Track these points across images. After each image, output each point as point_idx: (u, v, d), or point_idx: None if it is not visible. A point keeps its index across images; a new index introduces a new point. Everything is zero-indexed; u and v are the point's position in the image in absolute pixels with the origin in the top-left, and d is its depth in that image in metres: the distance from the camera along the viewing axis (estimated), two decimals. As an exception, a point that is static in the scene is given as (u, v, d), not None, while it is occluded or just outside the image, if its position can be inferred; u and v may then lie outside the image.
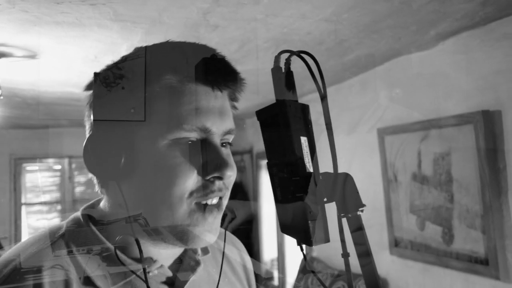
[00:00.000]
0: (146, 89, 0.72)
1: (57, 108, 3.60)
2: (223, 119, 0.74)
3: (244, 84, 0.83)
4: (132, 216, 0.72)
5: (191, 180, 0.70)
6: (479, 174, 2.03)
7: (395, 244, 2.62)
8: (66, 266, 0.71)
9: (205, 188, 0.71)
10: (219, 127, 0.73)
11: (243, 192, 5.11)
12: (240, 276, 0.97)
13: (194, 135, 0.71)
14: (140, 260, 0.74)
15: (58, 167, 5.38)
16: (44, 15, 1.62)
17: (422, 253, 2.42)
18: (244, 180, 5.17)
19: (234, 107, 0.83)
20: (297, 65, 0.68)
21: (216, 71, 0.76)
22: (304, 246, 0.66)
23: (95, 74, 0.74)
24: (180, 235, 0.72)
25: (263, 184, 4.76)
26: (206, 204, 0.72)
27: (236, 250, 1.00)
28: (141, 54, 0.75)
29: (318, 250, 3.48)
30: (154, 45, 0.77)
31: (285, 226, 0.67)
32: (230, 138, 0.78)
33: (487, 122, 1.99)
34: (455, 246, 2.20)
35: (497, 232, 1.96)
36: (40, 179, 5.49)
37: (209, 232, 0.74)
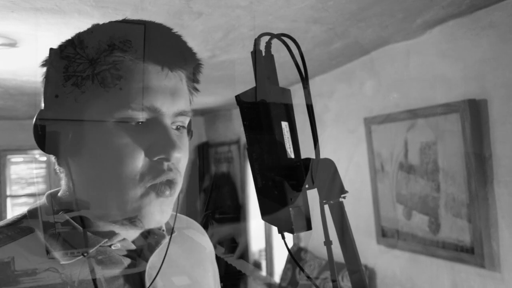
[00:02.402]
0: (96, 67, 0.70)
1: (41, 99, 3.54)
2: (174, 99, 0.72)
3: (201, 65, 0.81)
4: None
5: (138, 161, 0.69)
6: (465, 163, 2.03)
7: (382, 234, 2.63)
8: (61, 269, 0.71)
9: (153, 170, 0.70)
10: (170, 108, 0.71)
11: (230, 183, 5.10)
12: (201, 258, 0.96)
13: (142, 115, 0.70)
14: (102, 234, 0.74)
15: (43, 158, 5.32)
16: (21, 1, 1.57)
17: (409, 243, 2.43)
18: (231, 170, 5.16)
19: (195, 89, 0.81)
20: (285, 54, 0.66)
21: (168, 50, 0.74)
22: (292, 235, 0.65)
23: (51, 49, 0.75)
24: (131, 218, 0.71)
25: (250, 175, 4.75)
26: (159, 185, 0.71)
27: (197, 233, 1.00)
28: (95, 30, 0.74)
29: (305, 240, 3.49)
30: (104, 24, 0.75)
31: (266, 214, 0.65)
32: (185, 120, 0.76)
33: (473, 111, 1.99)
34: (442, 235, 2.21)
35: (483, 221, 1.97)
36: (25, 170, 5.43)
37: (159, 212, 0.72)
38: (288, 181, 0.62)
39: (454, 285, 2.16)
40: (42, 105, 0.76)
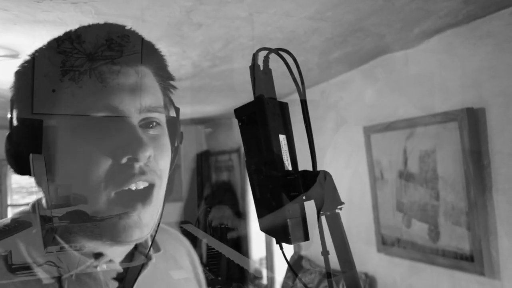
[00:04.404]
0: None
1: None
2: (136, 96, 0.68)
3: (162, 59, 0.78)
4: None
5: (103, 164, 0.65)
6: (463, 171, 2.04)
7: (382, 242, 2.63)
8: (58, 262, 0.70)
9: (121, 173, 0.66)
10: (130, 105, 0.68)
11: (231, 191, 5.10)
12: (189, 273, 0.94)
13: (102, 115, 0.66)
14: (88, 255, 0.72)
15: (44, 167, 5.32)
16: (24, 14, 1.60)
17: (408, 251, 2.43)
18: (232, 179, 5.16)
19: (170, 86, 0.79)
20: (281, 64, 0.67)
21: (123, 49, 0.70)
22: (298, 245, 0.66)
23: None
24: (108, 231, 0.68)
25: (250, 184, 4.76)
26: (128, 193, 0.67)
27: (183, 248, 0.97)
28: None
29: (306, 249, 3.49)
30: (65, 33, 0.73)
31: (264, 225, 0.66)
32: (159, 117, 0.73)
33: (471, 119, 2.01)
34: (441, 243, 2.21)
35: (482, 229, 1.97)
36: (26, 180, 5.41)
37: (136, 226, 0.68)
38: (285, 192, 0.63)
39: (454, 293, 2.16)
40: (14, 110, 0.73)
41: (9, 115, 0.73)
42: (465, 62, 2.07)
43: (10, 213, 5.16)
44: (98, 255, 0.73)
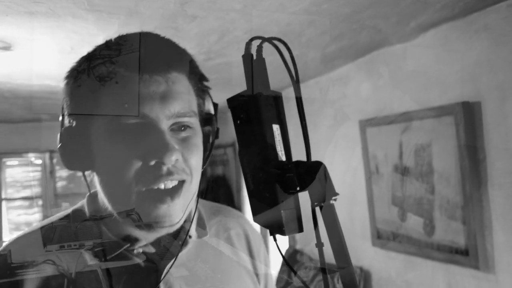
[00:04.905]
0: (91, 61, 0.74)
1: (36, 102, 3.54)
2: (165, 103, 0.73)
3: (194, 63, 0.82)
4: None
5: (134, 166, 0.72)
6: (459, 165, 2.04)
7: (377, 236, 2.63)
8: (58, 261, 0.73)
9: (150, 173, 0.72)
10: (160, 112, 0.73)
11: (226, 185, 5.10)
12: (243, 250, 0.97)
13: (134, 122, 0.72)
14: (125, 239, 0.78)
15: (39, 161, 5.30)
16: (16, 5, 1.57)
17: (404, 245, 2.43)
18: (227, 173, 5.16)
19: (204, 87, 0.83)
20: (275, 58, 0.67)
21: (151, 57, 0.75)
22: (288, 237, 0.65)
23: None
24: (144, 220, 0.75)
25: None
26: (158, 190, 0.73)
27: (241, 232, 1.00)
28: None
29: (301, 242, 3.49)
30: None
31: (258, 216, 0.65)
32: (190, 120, 0.77)
33: (467, 113, 2.00)
34: (436, 237, 2.21)
35: (477, 223, 1.97)
36: (20, 173, 5.42)
37: (166, 217, 0.74)
38: (279, 183, 0.62)
39: (449, 287, 2.16)
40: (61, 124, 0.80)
41: (61, 117, 0.80)
42: (461, 56, 2.06)
43: (5, 206, 5.14)
44: (134, 240, 0.79)
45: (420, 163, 2.29)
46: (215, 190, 5.15)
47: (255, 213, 0.66)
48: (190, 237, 0.85)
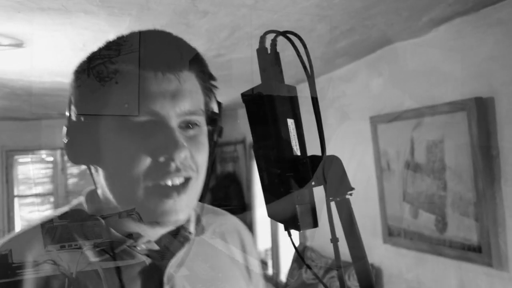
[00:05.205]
0: (91, 61, 0.73)
1: (48, 99, 3.55)
2: (176, 101, 0.73)
3: (203, 61, 0.82)
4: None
5: (144, 162, 0.72)
6: (472, 161, 2.02)
7: (389, 233, 2.62)
8: (58, 261, 0.73)
9: (159, 170, 0.72)
10: (171, 110, 0.73)
11: (236, 182, 5.10)
12: (237, 247, 0.98)
13: (145, 119, 0.72)
14: (129, 236, 0.78)
15: (51, 158, 5.34)
16: (28, 1, 1.58)
17: (415, 242, 2.42)
18: (237, 170, 5.16)
19: (212, 86, 0.83)
20: (290, 53, 0.66)
21: (163, 54, 0.75)
22: (298, 234, 0.65)
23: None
24: (148, 215, 0.75)
25: (256, 174, 4.75)
26: (165, 186, 0.73)
27: (233, 229, 1.01)
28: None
29: (311, 239, 3.48)
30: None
31: (272, 211, 0.65)
32: (198, 118, 0.78)
33: (480, 109, 1.98)
34: (448, 234, 2.20)
35: (490, 220, 1.95)
36: (32, 171, 5.46)
37: (171, 213, 0.74)
38: (294, 178, 0.62)
39: (461, 284, 2.15)
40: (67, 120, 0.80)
41: (67, 113, 0.79)
42: (474, 51, 2.04)
43: (17, 203, 5.18)
44: (137, 236, 0.79)
45: (432, 159, 2.27)
46: (225, 187, 5.16)
47: (269, 208, 0.65)
48: (190, 233, 0.85)
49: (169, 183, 0.73)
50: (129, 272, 0.77)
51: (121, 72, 0.72)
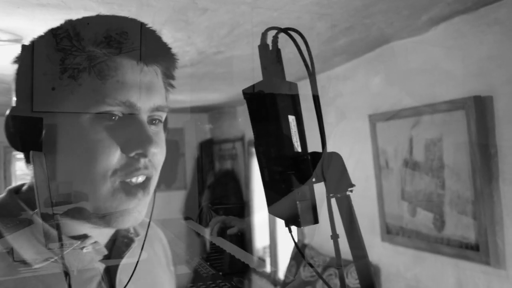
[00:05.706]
0: (72, 61, 0.69)
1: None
2: (150, 94, 0.72)
3: (176, 60, 0.80)
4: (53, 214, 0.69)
5: (114, 156, 0.68)
6: (470, 160, 2.03)
7: (387, 231, 2.62)
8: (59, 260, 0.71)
9: (128, 166, 0.69)
10: (145, 103, 0.71)
11: (234, 180, 5.10)
12: (161, 259, 0.98)
13: (118, 110, 0.69)
14: (75, 237, 0.74)
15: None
16: (28, -3, 1.58)
17: (413, 240, 2.43)
18: (236, 167, 5.16)
19: (170, 85, 0.81)
20: (291, 50, 0.66)
21: (144, 45, 0.73)
22: (296, 232, 0.65)
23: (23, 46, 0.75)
24: (103, 215, 0.71)
25: (254, 172, 4.75)
26: (130, 184, 0.70)
27: (156, 234, 1.00)
28: (91, 22, 0.73)
29: (310, 237, 3.48)
30: (80, 19, 0.74)
31: (273, 207, 0.65)
32: (162, 115, 0.76)
33: (479, 107, 1.98)
34: (446, 232, 2.20)
35: (488, 218, 1.96)
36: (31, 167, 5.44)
37: (133, 213, 0.72)
38: (295, 174, 0.62)
39: (459, 282, 2.15)
40: (14, 100, 0.75)
41: (13, 104, 0.74)
42: (473, 49, 2.04)
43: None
44: (84, 237, 0.75)
45: (431, 157, 2.28)
46: (223, 184, 5.16)
47: (270, 204, 0.65)
48: (133, 234, 0.84)
49: (134, 180, 0.71)
50: (80, 276, 0.74)
51: (121, 70, 0.70)
